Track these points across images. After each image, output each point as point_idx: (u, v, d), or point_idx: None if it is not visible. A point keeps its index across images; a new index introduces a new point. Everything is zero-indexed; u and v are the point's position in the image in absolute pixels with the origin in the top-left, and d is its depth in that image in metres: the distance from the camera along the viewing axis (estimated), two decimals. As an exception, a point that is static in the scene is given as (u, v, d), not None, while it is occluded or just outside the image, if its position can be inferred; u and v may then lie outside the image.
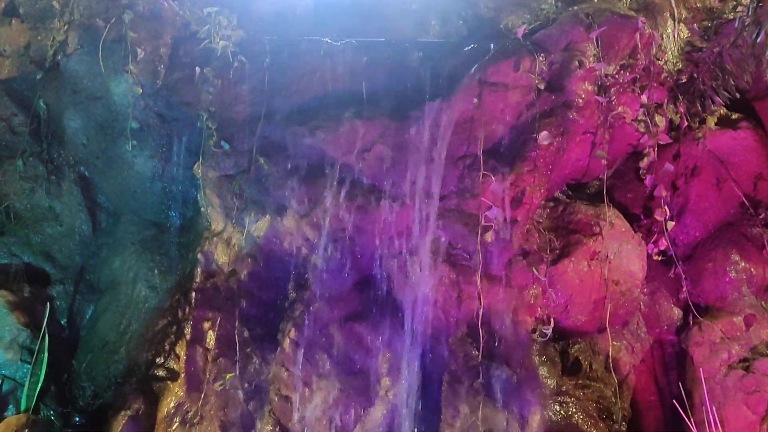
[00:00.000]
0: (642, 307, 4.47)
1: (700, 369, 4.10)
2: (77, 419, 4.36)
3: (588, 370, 4.32)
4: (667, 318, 4.48)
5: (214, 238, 4.48)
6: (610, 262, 4.26)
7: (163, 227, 4.76)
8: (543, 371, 4.19)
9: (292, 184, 4.31)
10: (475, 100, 4.22)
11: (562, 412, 4.10)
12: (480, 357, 4.15)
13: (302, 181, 4.30)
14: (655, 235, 4.41)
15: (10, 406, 4.13)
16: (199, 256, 4.49)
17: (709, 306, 4.38)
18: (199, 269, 4.48)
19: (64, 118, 4.65)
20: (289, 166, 4.34)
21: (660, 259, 4.44)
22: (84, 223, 4.75)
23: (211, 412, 4.18)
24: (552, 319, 4.20)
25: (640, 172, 4.47)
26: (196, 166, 4.40)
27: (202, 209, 4.51)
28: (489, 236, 4.16)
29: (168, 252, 4.70)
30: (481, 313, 4.15)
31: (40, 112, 4.67)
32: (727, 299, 4.31)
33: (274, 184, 4.32)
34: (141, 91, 4.32)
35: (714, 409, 3.94)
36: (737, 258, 4.34)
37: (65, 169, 4.76)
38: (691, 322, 4.34)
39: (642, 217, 4.55)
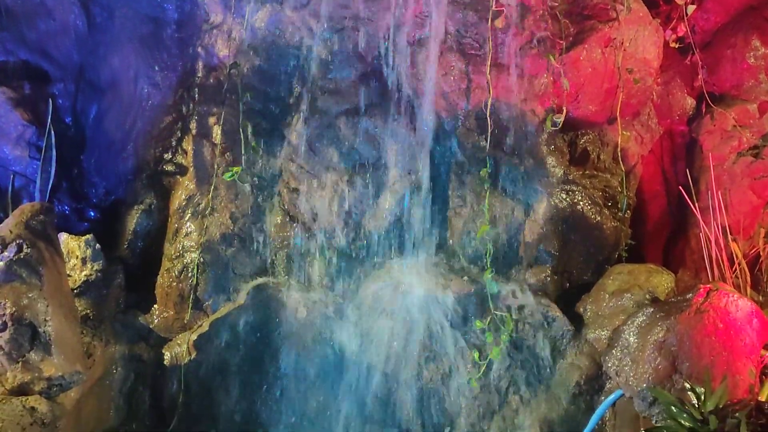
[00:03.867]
0: (654, 97, 4.39)
1: (710, 156, 4.10)
2: (92, 214, 4.45)
3: (596, 160, 4.32)
4: (680, 108, 4.41)
5: (214, 31, 4.32)
6: (624, 50, 4.12)
7: (160, 22, 4.56)
8: (551, 161, 4.19)
9: (293, -32, 4.08)
10: None
11: (567, 200, 4.15)
12: (488, 147, 4.14)
13: (303, -34, 4.07)
14: (674, 21, 4.23)
15: (24, 201, 4.20)
16: (199, 50, 4.35)
17: (724, 94, 4.30)
18: (200, 64, 4.36)
19: None
20: (289, -51, 4.09)
21: (677, 46, 4.29)
22: (78, 18, 4.55)
23: (222, 204, 4.25)
24: (563, 109, 4.13)
25: (662, -47, 4.20)
26: (189, -49, 4.15)
27: (200, 0, 4.31)
28: (500, 22, 3.98)
29: (167, 48, 4.54)
30: (490, 104, 4.08)
31: None
32: (742, 86, 4.23)
33: (273, -31, 4.10)
34: None
35: (720, 194, 3.97)
36: (758, 43, 4.20)
37: (52, -40, 4.50)
38: (703, 111, 4.28)
39: (661, 2, 4.33)
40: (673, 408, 2.97)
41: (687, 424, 2.87)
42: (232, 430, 4.06)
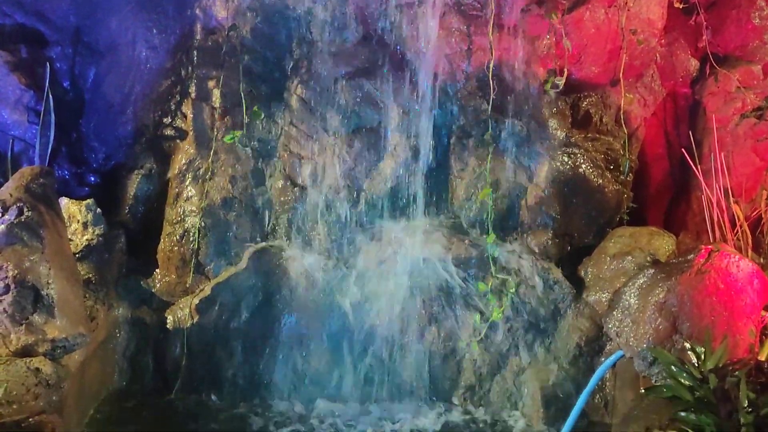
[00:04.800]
0: (657, 58, 4.34)
1: (713, 118, 4.07)
2: (92, 179, 4.44)
3: (598, 123, 4.30)
4: (683, 69, 4.37)
5: (212, -8, 4.27)
6: (628, 10, 4.07)
7: (157, -17, 4.52)
8: (553, 123, 4.16)
9: (291, -74, 4.00)
10: None
11: (569, 162, 4.13)
12: (489, 110, 4.11)
13: None
14: (680, -20, 4.18)
15: (24, 165, 4.18)
16: (197, 12, 4.30)
17: (728, 56, 4.26)
18: (198, 26, 4.31)
19: None
20: None
21: (681, 7, 4.24)
22: (74, -20, 4.51)
23: (222, 168, 4.24)
24: (565, 71, 4.09)
25: None
26: None
27: (197, -39, 4.25)
28: (502, -18, 3.93)
29: (165, 10, 4.47)
30: (492, 66, 4.05)
31: None
32: (747, 47, 4.19)
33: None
34: None
35: (722, 156, 3.96)
36: (763, 3, 4.17)
37: None
38: (707, 73, 4.25)
39: (666, -38, 4.27)
40: (673, 367, 2.99)
41: (687, 383, 2.89)
42: (235, 393, 4.09)
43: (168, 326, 4.08)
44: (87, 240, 3.97)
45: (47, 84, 4.21)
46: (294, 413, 3.98)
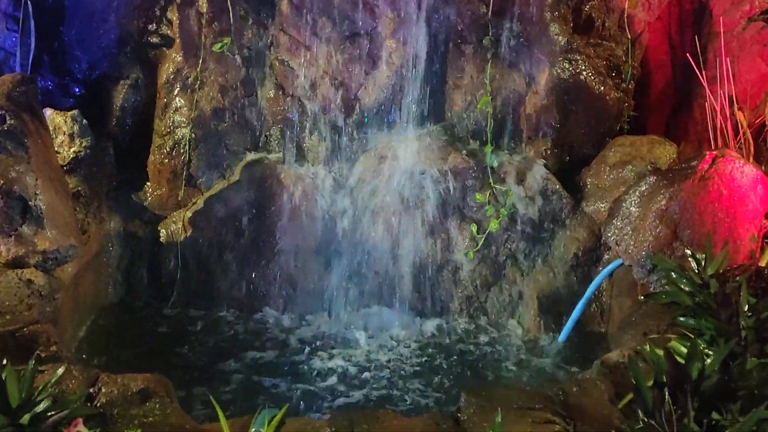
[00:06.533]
0: (664, -41, 4.16)
1: (719, 21, 3.93)
2: (76, 90, 4.29)
3: (600, 28, 4.14)
4: (690, -29, 4.20)
5: None
6: None
7: None
8: (554, 28, 4.01)
9: None
10: None
11: (570, 69, 4.00)
12: (489, 15, 3.96)
13: None
14: None
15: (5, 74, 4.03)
16: None
17: (737, -45, 4.07)
18: (181, -76, 4.09)
19: None
20: None
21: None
22: None
23: (212, 77, 4.09)
24: (566, -28, 3.92)
25: None
26: None
27: None
28: None
29: None
30: (491, -34, 3.87)
31: None
32: (758, -54, 3.99)
33: None
34: None
35: (728, 61, 3.84)
36: None
37: None
38: (715, -26, 4.07)
39: None
40: (673, 274, 2.97)
41: (687, 288, 2.87)
42: (230, 306, 4.08)
43: (161, 240, 4.04)
44: (74, 152, 3.86)
45: (24, -12, 4.02)
46: (289, 325, 3.98)
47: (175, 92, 4.10)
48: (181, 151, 4.07)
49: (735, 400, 2.23)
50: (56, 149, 3.76)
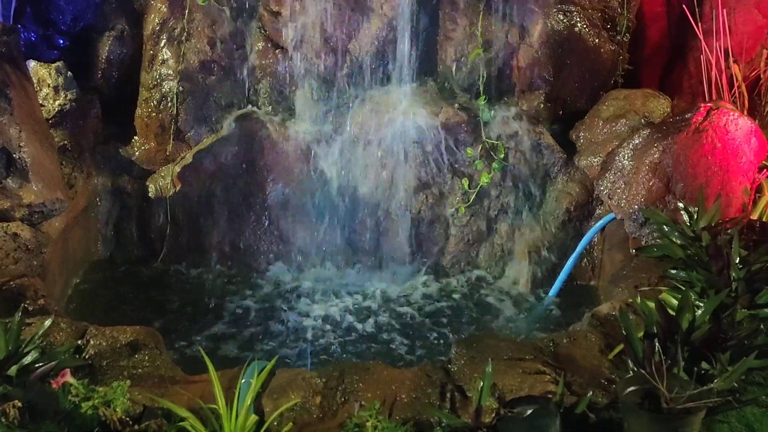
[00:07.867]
0: None
1: (717, -29, 3.86)
2: (61, 42, 4.20)
3: (596, -22, 4.06)
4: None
5: None
6: None
7: None
8: (548, -21, 3.93)
9: None
10: None
11: (565, 21, 3.93)
12: (482, -37, 3.87)
13: None
14: None
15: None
16: None
17: None
18: None
19: None
20: None
21: None
22: None
23: (199, 29, 3.99)
24: None
25: None
26: None
27: None
28: None
29: None
30: None
31: None
32: None
33: None
34: None
35: (724, 13, 3.78)
36: None
37: None
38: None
39: None
40: (665, 227, 2.96)
41: (678, 241, 2.87)
42: (220, 260, 4.06)
43: (150, 195, 3.99)
44: (59, 105, 3.79)
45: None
46: (280, 279, 3.97)
47: (162, 44, 4.01)
48: (169, 104, 4.00)
49: (725, 350, 2.25)
50: (41, 103, 3.69)
